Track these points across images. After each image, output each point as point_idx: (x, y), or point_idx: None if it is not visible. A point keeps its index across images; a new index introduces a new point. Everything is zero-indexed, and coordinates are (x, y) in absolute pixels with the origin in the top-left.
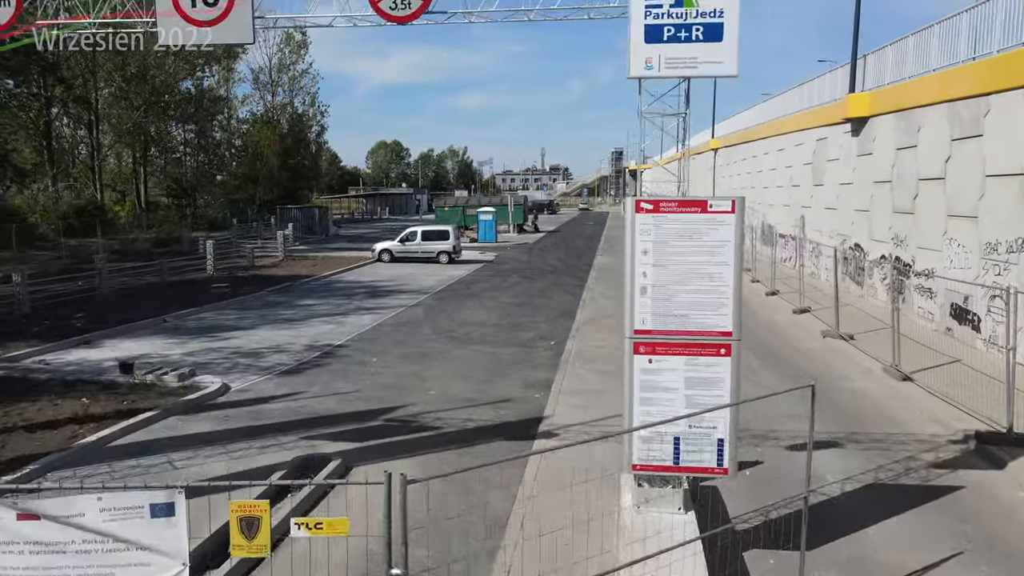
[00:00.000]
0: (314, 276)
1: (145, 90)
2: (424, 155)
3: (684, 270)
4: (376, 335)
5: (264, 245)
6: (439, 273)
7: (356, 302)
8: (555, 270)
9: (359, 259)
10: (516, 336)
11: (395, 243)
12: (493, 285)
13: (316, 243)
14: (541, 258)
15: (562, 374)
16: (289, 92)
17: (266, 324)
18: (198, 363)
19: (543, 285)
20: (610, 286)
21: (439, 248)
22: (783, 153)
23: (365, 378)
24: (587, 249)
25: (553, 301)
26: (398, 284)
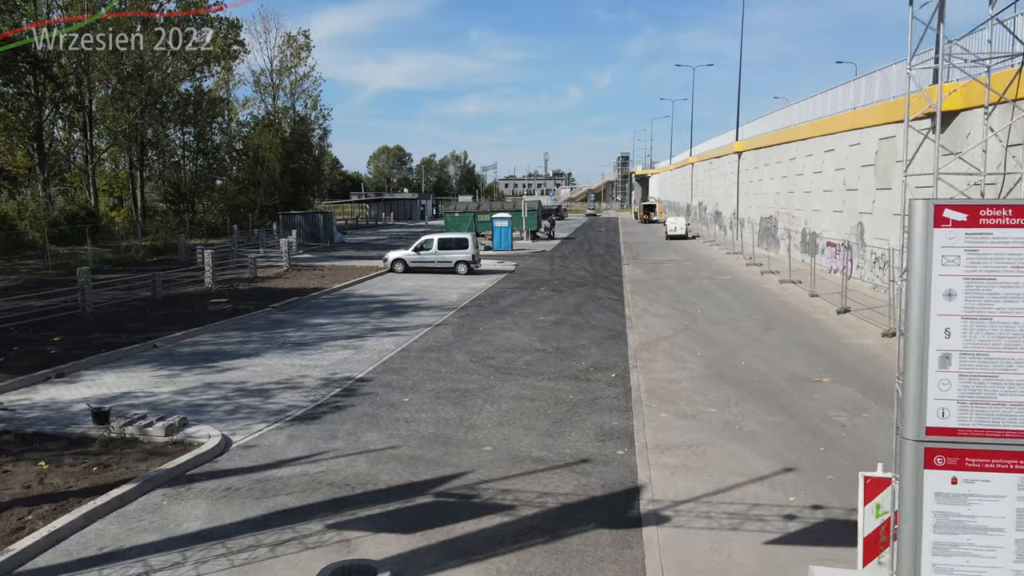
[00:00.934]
0: (323, 289)
1: (141, 90)
2: (426, 160)
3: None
4: (403, 364)
5: (267, 254)
6: (459, 285)
7: (373, 320)
8: (584, 282)
9: (370, 269)
10: (567, 366)
11: (409, 252)
12: (521, 299)
13: (321, 251)
14: (565, 268)
15: (640, 420)
16: (291, 95)
17: (272, 349)
18: (192, 404)
19: (577, 299)
20: (653, 301)
21: (457, 258)
22: (832, 155)
23: (399, 426)
24: (610, 258)
25: (594, 319)
26: (417, 298)
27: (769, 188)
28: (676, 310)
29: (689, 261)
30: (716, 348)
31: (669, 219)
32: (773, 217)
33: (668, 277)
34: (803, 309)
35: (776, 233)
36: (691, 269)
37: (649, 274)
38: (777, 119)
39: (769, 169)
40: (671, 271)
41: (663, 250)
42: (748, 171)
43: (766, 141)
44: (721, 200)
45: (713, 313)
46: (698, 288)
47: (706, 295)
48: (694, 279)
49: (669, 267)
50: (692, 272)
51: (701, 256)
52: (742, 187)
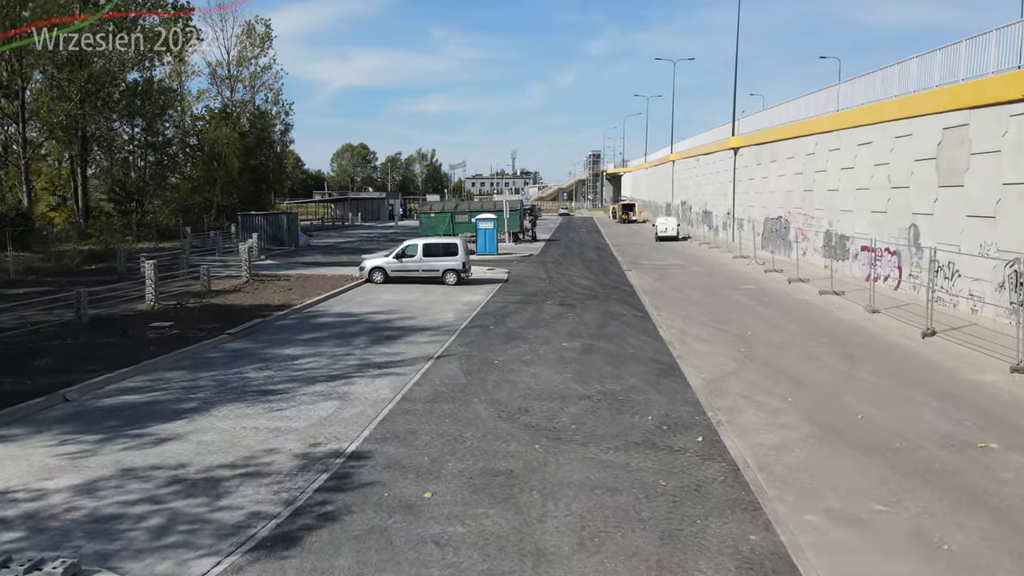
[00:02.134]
0: (291, 306)
1: (80, 78)
2: (391, 159)
3: None
4: (409, 423)
5: (224, 260)
6: (451, 300)
7: (358, 352)
8: (593, 293)
9: (343, 279)
10: (629, 422)
11: (390, 259)
12: (531, 318)
13: (286, 256)
14: (563, 276)
15: (788, 532)
16: (251, 88)
17: (228, 400)
18: (98, 518)
19: (595, 318)
20: (686, 318)
21: (446, 266)
22: (869, 148)
23: (429, 560)
24: (607, 263)
25: (629, 345)
26: (406, 317)
27: (777, 186)
28: (720, 331)
29: (696, 266)
30: (805, 389)
31: (659, 219)
32: (782, 218)
33: (685, 286)
34: (872, 330)
35: (787, 235)
36: (704, 275)
37: (661, 283)
38: (785, 112)
39: (777, 165)
40: (684, 279)
41: (659, 253)
42: (747, 168)
43: (771, 136)
44: (711, 199)
45: (767, 335)
46: (728, 301)
47: (743, 310)
48: (716, 289)
49: (677, 273)
50: (707, 279)
51: (706, 260)
52: (739, 185)
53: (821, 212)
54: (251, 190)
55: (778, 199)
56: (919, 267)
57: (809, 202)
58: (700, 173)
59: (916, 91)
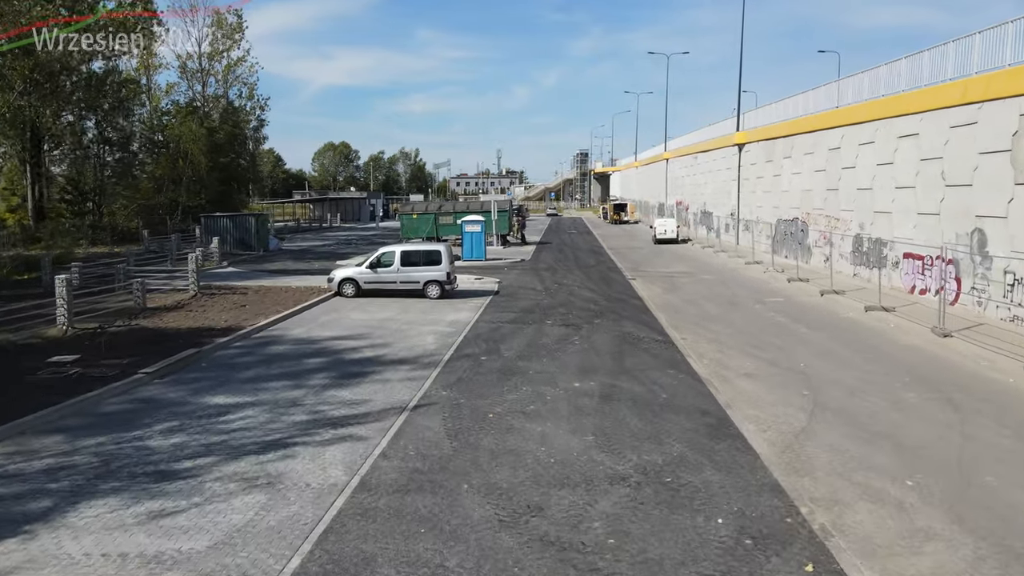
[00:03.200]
0: (239, 330)
1: (26, 66)
2: (374, 158)
3: None
4: (362, 543)
5: (178, 269)
6: (433, 317)
7: (310, 399)
8: (599, 309)
9: (311, 291)
10: (691, 532)
11: (363, 269)
12: (530, 344)
13: (252, 262)
14: (561, 286)
15: None
16: (224, 83)
17: (104, 494)
18: None
19: (608, 343)
20: (719, 344)
21: (427, 277)
22: (914, 140)
23: None
24: (607, 269)
25: (660, 387)
26: (377, 344)
27: (793, 184)
28: (765, 362)
29: (708, 274)
30: (922, 462)
31: (657, 221)
32: (799, 219)
33: (701, 299)
34: (958, 363)
35: (805, 239)
36: (718, 285)
37: (673, 295)
38: (799, 104)
39: (791, 162)
40: (698, 290)
41: (662, 258)
42: (754, 165)
43: (785, 130)
44: (711, 199)
45: (827, 369)
46: (758, 319)
47: (780, 332)
48: (738, 302)
49: (688, 283)
50: (723, 289)
51: (715, 267)
52: (745, 184)
53: (849, 214)
54: (220, 190)
55: (793, 199)
56: (986, 279)
57: (833, 202)
58: (698, 171)
59: (983, 71)
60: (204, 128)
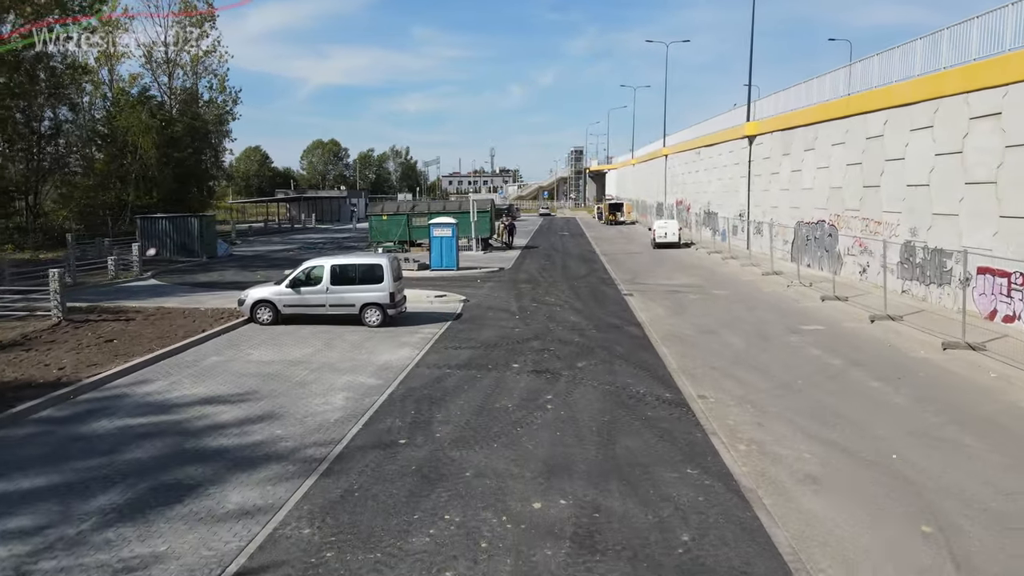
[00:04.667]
0: (75, 383)
1: None
2: (364, 155)
3: None
4: None
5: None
6: (362, 356)
7: (44, 561)
8: (585, 342)
9: (219, 316)
10: None
11: (283, 289)
12: (477, 410)
13: (186, 271)
14: (541, 305)
15: None
16: (193, 74)
17: None
18: None
19: (593, 406)
20: (757, 408)
21: (366, 298)
22: (993, 122)
23: None
24: (599, 281)
25: (671, 500)
26: (257, 414)
27: (817, 181)
28: (836, 451)
29: (720, 288)
30: None
31: (657, 222)
32: (826, 222)
33: (719, 327)
34: None
35: (834, 246)
36: (738, 305)
37: (680, 318)
38: (825, 87)
39: (815, 155)
40: (712, 312)
41: (663, 266)
42: (768, 160)
43: (806, 117)
44: (716, 198)
45: (938, 469)
46: (802, 361)
47: (843, 387)
48: (767, 333)
49: (698, 300)
50: (744, 312)
51: (728, 278)
52: (756, 181)
53: (895, 216)
54: (175, 187)
55: (818, 197)
56: None
57: (873, 202)
58: (701, 168)
59: None
60: (156, 119)
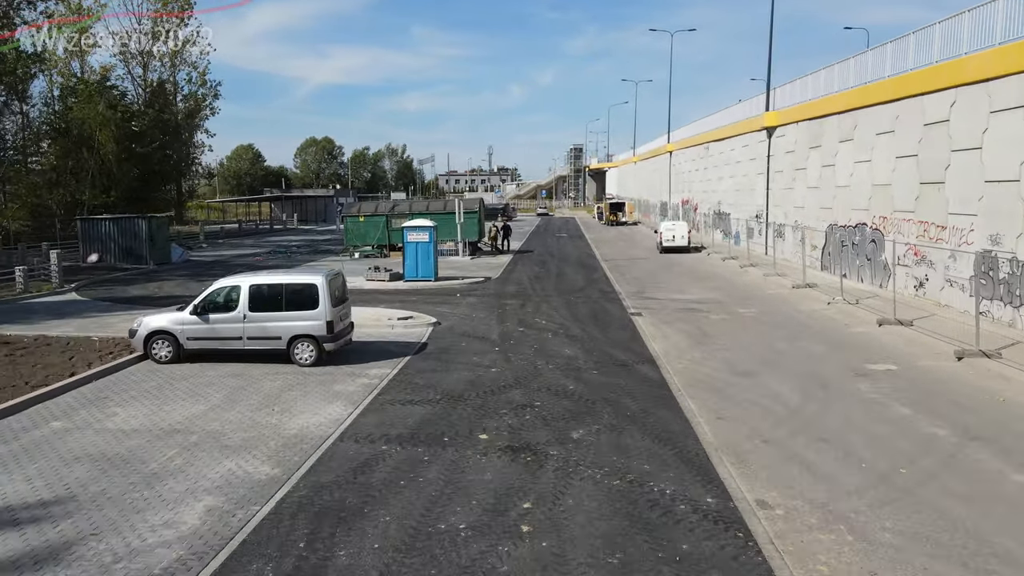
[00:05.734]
0: None
1: None
2: (359, 153)
3: None
4: None
5: None
6: (268, 423)
7: None
8: (584, 394)
9: (111, 349)
10: None
11: (187, 317)
12: (414, 533)
13: (124, 281)
14: (529, 330)
15: None
16: (170, 66)
17: None
18: None
19: (594, 520)
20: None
21: (295, 329)
22: None
23: None
24: (600, 295)
25: None
26: (28, 557)
27: (856, 177)
28: None
29: (746, 305)
30: None
31: (664, 224)
32: (867, 225)
33: (760, 366)
34: None
35: (879, 253)
36: (775, 331)
37: (707, 351)
38: (864, 67)
39: (853, 147)
40: (745, 341)
41: (673, 275)
42: (791, 154)
43: (840, 103)
44: (728, 197)
45: None
46: (894, 430)
47: (980, 486)
48: (825, 376)
49: (723, 323)
50: (785, 341)
51: (751, 291)
52: (777, 178)
53: (967, 219)
54: (138, 186)
55: (857, 196)
56: None
57: (933, 201)
58: (711, 164)
59: None
60: (117, 111)
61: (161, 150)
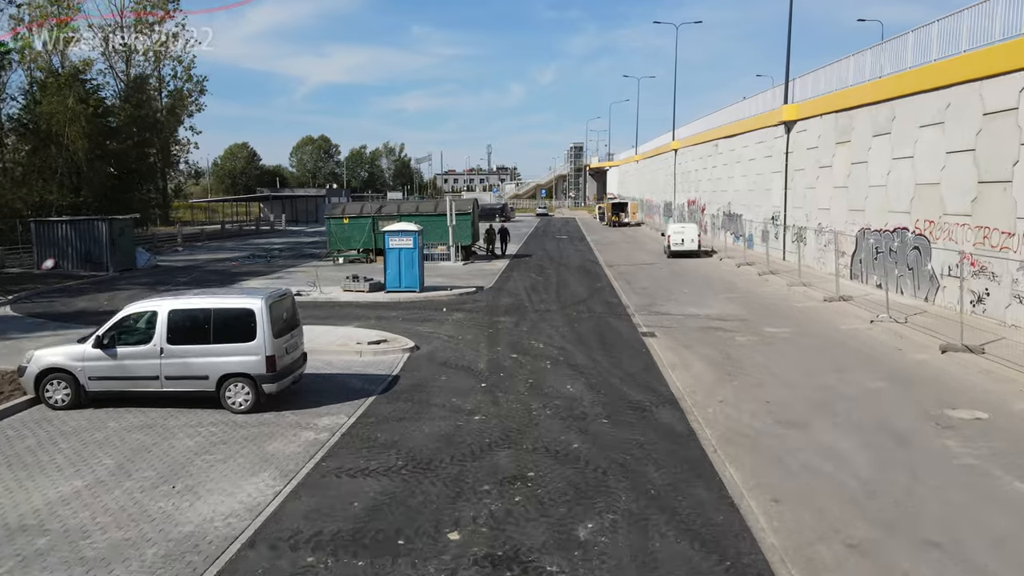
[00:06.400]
0: None
1: None
2: (355, 152)
3: None
4: None
5: None
6: (159, 511)
7: None
8: (595, 463)
9: (5, 388)
10: None
11: (86, 349)
12: None
13: (76, 291)
14: (523, 361)
15: None
16: (154, 60)
17: None
18: None
19: None
20: None
21: (224, 366)
22: None
23: None
24: (605, 309)
25: None
26: None
27: (894, 175)
28: None
29: (775, 324)
30: None
31: (672, 227)
32: (908, 231)
33: (809, 410)
34: None
35: (924, 262)
36: (817, 358)
37: (737, 386)
38: (902, 52)
39: (891, 141)
40: (777, 369)
41: (684, 283)
42: (814, 150)
43: (876, 92)
44: (739, 197)
45: None
46: (1012, 519)
47: None
48: (901, 431)
49: (748, 346)
50: (831, 373)
51: (776, 304)
52: (797, 177)
53: None
54: (112, 185)
55: (896, 197)
56: None
57: (996, 204)
58: (720, 163)
59: None
60: (87, 105)
61: (140, 147)
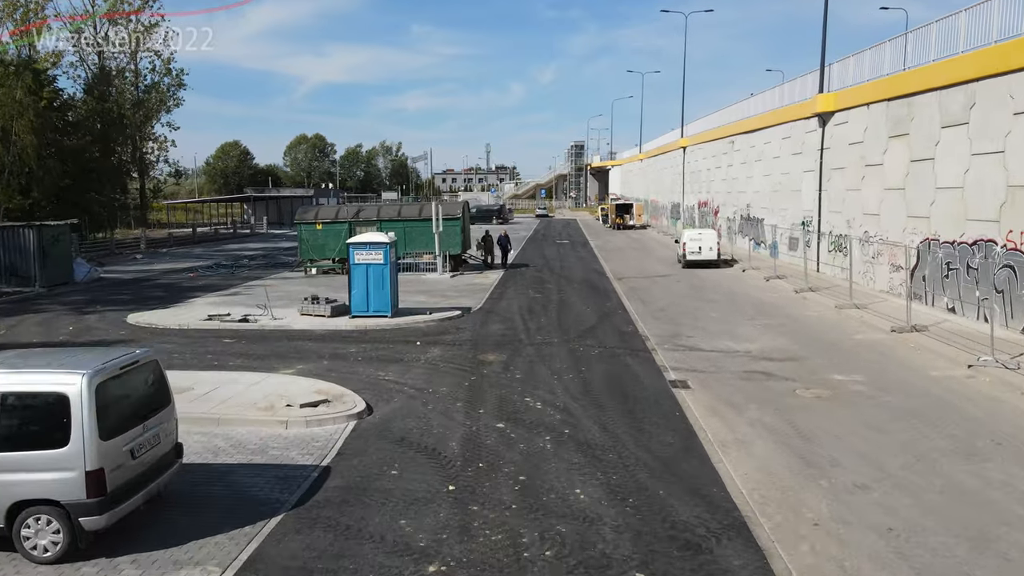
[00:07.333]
0: None
1: None
2: (351, 151)
3: None
4: None
5: None
6: None
7: None
8: None
9: None
10: None
11: None
12: None
13: None
14: (512, 443)
15: None
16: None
17: None
18: None
19: None
20: None
21: (16, 489)
22: None
23: None
24: (618, 344)
25: None
26: None
27: (972, 175)
28: None
29: (838, 367)
30: None
31: (688, 233)
32: (996, 244)
33: (957, 545)
34: None
35: (1017, 286)
36: (933, 436)
37: (829, 489)
38: (988, 21)
39: (964, 134)
40: (871, 451)
41: (707, 302)
42: (857, 146)
43: (941, 75)
44: (759, 200)
45: None
46: None
47: None
48: None
49: (817, 406)
50: (968, 471)
51: (829, 334)
52: (835, 177)
53: None
54: (67, 185)
55: (976, 202)
56: None
57: None
58: (736, 161)
59: None
60: (38, 97)
61: (102, 143)
